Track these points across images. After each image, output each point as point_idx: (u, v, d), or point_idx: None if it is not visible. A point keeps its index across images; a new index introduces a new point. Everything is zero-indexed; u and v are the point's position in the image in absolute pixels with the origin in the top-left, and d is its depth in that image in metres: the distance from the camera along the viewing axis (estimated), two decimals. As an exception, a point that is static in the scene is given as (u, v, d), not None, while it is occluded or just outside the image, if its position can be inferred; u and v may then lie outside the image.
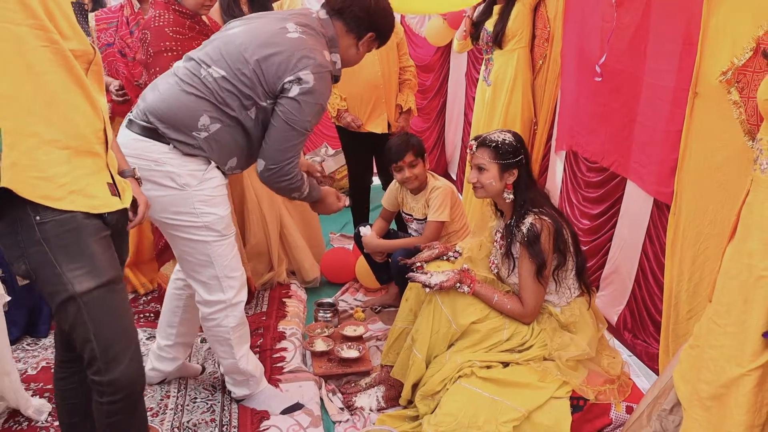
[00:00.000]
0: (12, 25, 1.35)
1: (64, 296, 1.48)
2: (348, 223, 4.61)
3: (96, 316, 1.51)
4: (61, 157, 1.44)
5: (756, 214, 1.56)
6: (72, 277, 1.48)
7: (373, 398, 2.51)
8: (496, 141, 2.30)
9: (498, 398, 2.14)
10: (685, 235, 2.31)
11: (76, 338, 1.54)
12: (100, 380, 1.54)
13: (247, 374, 2.36)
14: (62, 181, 1.44)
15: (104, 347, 1.52)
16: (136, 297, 3.35)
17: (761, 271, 1.51)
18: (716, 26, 2.12)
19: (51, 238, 1.45)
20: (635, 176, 2.77)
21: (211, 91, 2.02)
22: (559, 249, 2.24)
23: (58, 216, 1.45)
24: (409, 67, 3.83)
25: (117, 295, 1.58)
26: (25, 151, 1.39)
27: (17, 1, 1.35)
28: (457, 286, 2.28)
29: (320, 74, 2.04)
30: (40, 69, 1.40)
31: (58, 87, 1.44)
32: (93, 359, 1.53)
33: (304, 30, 2.10)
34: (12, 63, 1.36)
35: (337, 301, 3.36)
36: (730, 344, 1.57)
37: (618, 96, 2.86)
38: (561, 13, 3.41)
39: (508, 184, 2.31)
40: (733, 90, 2.05)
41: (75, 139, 1.47)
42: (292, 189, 2.20)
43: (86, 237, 1.50)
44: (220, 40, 2.09)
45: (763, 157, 1.56)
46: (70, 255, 1.48)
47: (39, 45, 1.39)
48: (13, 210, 1.43)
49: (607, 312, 2.93)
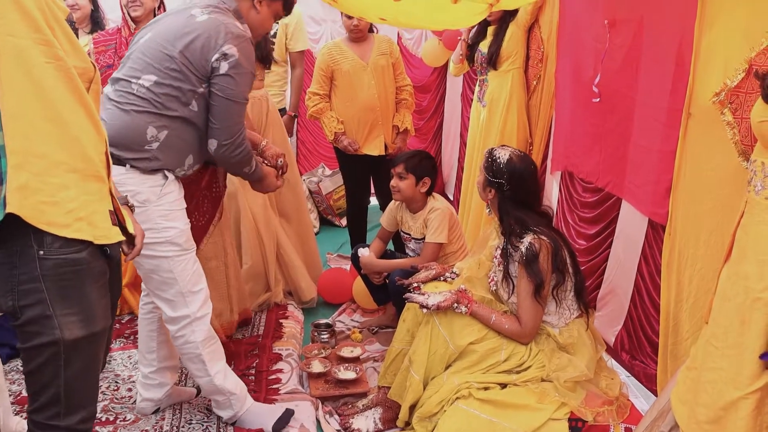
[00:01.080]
0: (15, 38, 1.27)
1: (46, 339, 1.37)
2: (345, 243, 4.61)
3: (72, 363, 1.42)
4: (69, 181, 1.35)
5: (751, 236, 1.56)
6: (63, 322, 1.38)
7: (370, 420, 2.49)
8: (493, 155, 2.42)
9: (496, 420, 2.13)
10: (681, 256, 2.31)
11: (38, 379, 1.42)
12: (56, 425, 1.44)
13: (226, 392, 2.34)
14: (70, 206, 1.35)
15: (70, 393, 1.44)
16: (133, 318, 3.33)
17: (758, 293, 1.51)
18: (708, 47, 2.14)
19: (51, 276, 1.36)
20: (630, 197, 2.78)
21: (149, 101, 2.06)
22: (557, 268, 2.25)
23: (64, 254, 1.36)
24: (406, 87, 3.85)
25: (99, 345, 1.50)
26: (35, 173, 1.30)
27: (21, 13, 1.28)
28: (455, 307, 2.28)
29: (241, 44, 2.11)
30: (47, 86, 1.32)
31: (64, 106, 1.35)
32: (54, 403, 1.43)
33: (211, 10, 2.16)
34: (18, 79, 1.29)
35: (334, 322, 3.35)
36: (728, 367, 1.57)
37: (612, 116, 2.87)
38: (555, 34, 3.45)
39: (487, 198, 2.43)
40: (727, 111, 2.06)
41: (82, 162, 1.39)
42: (244, 162, 2.27)
43: (87, 281, 1.41)
44: (138, 51, 2.12)
45: (757, 178, 1.57)
46: (66, 298, 1.38)
47: (44, 61, 1.31)
48: (13, 239, 1.33)
49: (605, 332, 2.92)
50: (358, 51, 3.67)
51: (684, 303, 2.31)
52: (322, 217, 5.14)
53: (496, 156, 2.40)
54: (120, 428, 2.39)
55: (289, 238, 3.56)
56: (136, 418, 2.46)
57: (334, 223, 5.12)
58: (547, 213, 2.46)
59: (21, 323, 1.37)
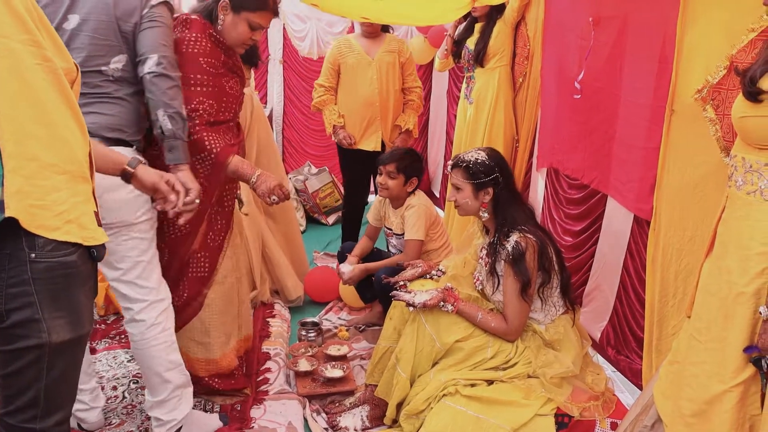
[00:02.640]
0: (7, 40, 1.26)
1: (33, 342, 1.35)
2: (332, 241, 4.60)
3: (55, 366, 1.40)
4: (59, 183, 1.35)
5: (733, 231, 1.58)
6: (52, 325, 1.36)
7: (357, 418, 2.49)
8: (468, 161, 2.34)
9: (482, 416, 2.14)
10: (665, 252, 2.33)
11: (17, 382, 1.39)
12: (32, 428, 1.41)
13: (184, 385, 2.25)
14: (60, 209, 1.35)
15: (49, 396, 1.42)
16: (119, 318, 3.31)
17: (741, 287, 1.53)
18: (690, 45, 2.16)
19: (41, 280, 1.34)
20: (615, 193, 2.80)
21: (128, 81, 2.04)
22: (543, 267, 2.26)
23: (56, 257, 1.35)
24: (415, 88, 3.85)
25: (82, 348, 1.50)
26: (27, 177, 1.30)
27: (12, 14, 1.27)
28: (441, 305, 2.28)
29: None
30: (37, 88, 1.31)
31: (53, 108, 1.35)
32: (31, 406, 1.41)
33: None
34: (11, 82, 1.28)
35: (321, 321, 3.34)
36: (712, 361, 1.58)
37: (597, 113, 2.89)
38: (540, 32, 3.46)
39: (483, 202, 2.34)
40: (709, 107, 2.08)
41: (71, 164, 1.38)
42: (178, 86, 2.08)
43: (76, 285, 1.41)
44: (85, 36, 1.99)
45: (737, 173, 1.58)
46: (56, 301, 1.37)
47: (34, 63, 1.31)
48: (3, 242, 1.31)
49: (590, 328, 2.94)
50: (366, 46, 3.70)
51: (670, 298, 2.33)
52: (308, 216, 5.13)
53: (470, 159, 2.35)
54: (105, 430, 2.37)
55: (275, 236, 3.55)
56: (122, 420, 2.44)
57: (320, 222, 5.11)
58: (532, 208, 2.47)
59: (6, 326, 1.35)
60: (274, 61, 5.71)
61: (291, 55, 5.74)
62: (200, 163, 2.24)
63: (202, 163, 2.24)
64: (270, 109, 5.75)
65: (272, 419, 2.45)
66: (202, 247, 2.36)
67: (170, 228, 2.30)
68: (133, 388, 2.63)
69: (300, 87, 5.79)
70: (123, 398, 2.58)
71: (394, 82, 3.74)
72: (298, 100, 5.83)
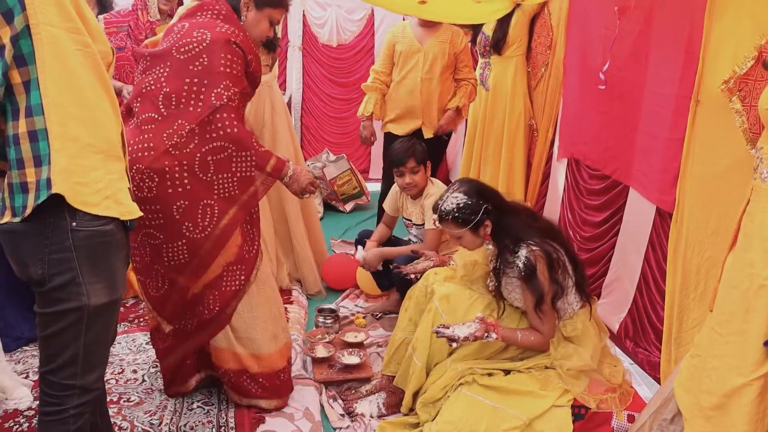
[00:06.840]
0: (53, 28, 1.37)
1: (73, 305, 1.47)
2: (349, 229, 4.61)
3: (93, 327, 1.52)
4: (97, 162, 1.47)
5: (757, 223, 1.56)
6: (91, 289, 1.48)
7: (374, 405, 2.50)
8: (451, 211, 2.28)
9: (499, 406, 2.14)
10: (687, 244, 2.31)
11: (57, 342, 1.51)
12: (72, 383, 1.54)
13: None
14: (98, 186, 1.46)
15: (87, 355, 1.54)
16: (137, 302, 3.35)
17: (763, 280, 1.51)
18: (718, 35, 2.13)
19: (81, 247, 1.46)
20: (637, 184, 2.77)
21: None
22: (556, 279, 2.21)
23: (95, 226, 1.47)
24: (469, 80, 3.71)
25: (116, 311, 1.62)
26: (71, 156, 1.42)
27: (55, 3, 1.37)
28: (485, 336, 2.22)
29: None
30: (78, 73, 1.43)
31: (91, 91, 1.46)
32: (71, 365, 1.53)
33: None
34: (56, 68, 1.39)
35: (338, 307, 3.35)
36: (732, 354, 1.57)
37: (620, 104, 2.86)
38: (564, 21, 3.42)
39: (486, 235, 2.31)
40: (735, 99, 2.05)
41: (107, 143, 1.50)
42: None
43: (113, 252, 1.53)
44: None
45: (763, 165, 1.56)
46: (94, 267, 1.49)
47: (75, 49, 1.42)
48: (47, 213, 1.42)
49: (609, 320, 2.92)
50: (419, 34, 3.64)
51: (692, 291, 2.31)
52: (326, 203, 5.14)
53: (453, 208, 2.27)
54: (124, 408, 2.41)
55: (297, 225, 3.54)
56: (140, 399, 2.48)
57: (338, 209, 5.12)
58: (525, 205, 2.43)
59: (48, 290, 1.46)
60: (294, 48, 5.70)
61: (310, 42, 5.72)
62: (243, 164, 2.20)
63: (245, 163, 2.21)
64: (289, 96, 5.74)
65: (289, 404, 2.47)
66: (239, 260, 2.28)
67: None
68: (153, 372, 2.66)
69: (319, 74, 5.78)
70: (143, 381, 2.61)
71: (440, 71, 3.61)
72: (317, 87, 5.82)
